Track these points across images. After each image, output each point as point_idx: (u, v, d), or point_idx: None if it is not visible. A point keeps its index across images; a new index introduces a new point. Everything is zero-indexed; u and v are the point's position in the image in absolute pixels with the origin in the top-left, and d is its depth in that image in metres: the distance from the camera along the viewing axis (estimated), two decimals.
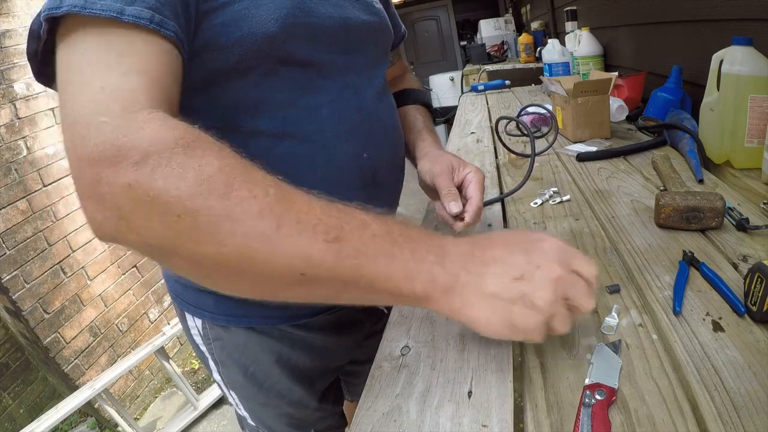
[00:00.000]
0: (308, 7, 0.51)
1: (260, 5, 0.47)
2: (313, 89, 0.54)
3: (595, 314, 0.48)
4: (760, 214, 0.63)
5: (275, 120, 0.52)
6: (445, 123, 3.71)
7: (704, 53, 0.84)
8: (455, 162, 0.64)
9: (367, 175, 0.59)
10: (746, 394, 0.36)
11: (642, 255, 0.57)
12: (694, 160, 0.81)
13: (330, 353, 0.72)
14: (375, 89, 0.62)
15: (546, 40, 2.48)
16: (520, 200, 0.82)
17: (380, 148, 0.61)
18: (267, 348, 0.65)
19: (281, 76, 0.51)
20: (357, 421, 0.41)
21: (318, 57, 0.53)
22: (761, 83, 0.70)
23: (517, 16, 4.16)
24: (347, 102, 0.57)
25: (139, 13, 0.38)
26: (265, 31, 0.47)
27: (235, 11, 0.46)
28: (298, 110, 0.53)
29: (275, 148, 0.52)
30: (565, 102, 1.10)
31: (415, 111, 0.79)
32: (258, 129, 0.51)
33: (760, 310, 0.42)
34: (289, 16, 0.48)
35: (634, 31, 1.42)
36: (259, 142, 0.51)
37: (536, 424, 0.37)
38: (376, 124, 0.61)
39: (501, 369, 0.44)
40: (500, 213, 0.81)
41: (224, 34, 0.46)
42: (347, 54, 0.57)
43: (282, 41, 0.49)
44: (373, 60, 0.63)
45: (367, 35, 0.60)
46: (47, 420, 1.60)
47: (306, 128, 0.53)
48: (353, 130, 0.57)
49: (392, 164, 0.65)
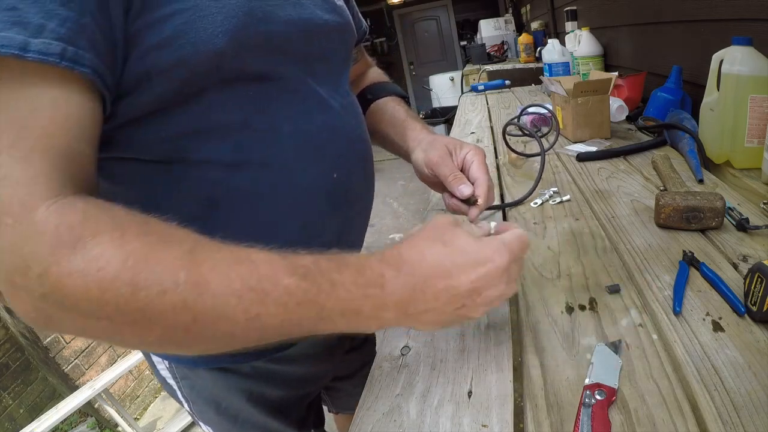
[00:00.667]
0: (264, 12, 0.44)
1: (204, 16, 0.39)
2: (271, 107, 0.47)
3: (595, 314, 0.49)
4: (760, 214, 0.63)
5: (229, 146, 0.45)
6: (445, 123, 3.71)
7: (704, 53, 0.85)
8: (451, 144, 0.60)
9: (339, 196, 0.53)
10: (746, 394, 0.36)
11: (642, 255, 0.57)
12: (694, 160, 0.81)
13: (307, 382, 0.68)
14: (341, 98, 0.56)
15: (546, 40, 2.48)
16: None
17: (350, 165, 0.55)
18: (235, 387, 0.60)
19: (234, 96, 0.44)
20: (357, 421, 0.41)
21: (276, 69, 0.47)
22: (761, 83, 0.70)
23: (517, 16, 4.16)
24: (311, 117, 0.50)
25: (47, 48, 0.32)
26: (211, 47, 0.40)
27: (175, 26, 0.38)
28: (254, 133, 0.46)
29: (230, 179, 0.46)
30: (565, 102, 1.10)
31: (393, 102, 0.73)
32: (209, 158, 0.45)
33: (760, 310, 0.42)
34: (240, 26, 0.41)
35: (634, 31, 1.42)
36: (212, 172, 0.45)
37: (536, 424, 0.37)
38: (344, 138, 0.54)
39: (501, 369, 0.44)
40: (500, 215, 0.81)
41: (163, 56, 0.38)
42: (310, 61, 0.51)
43: (232, 56, 0.42)
44: (338, 65, 0.58)
45: (331, 38, 0.54)
46: (47, 420, 1.60)
47: (264, 153, 0.47)
48: (319, 149, 0.50)
49: (364, 179, 0.60)
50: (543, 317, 0.50)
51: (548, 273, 0.58)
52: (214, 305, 0.32)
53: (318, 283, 0.35)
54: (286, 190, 0.48)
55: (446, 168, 0.57)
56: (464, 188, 0.54)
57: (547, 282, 0.56)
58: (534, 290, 0.55)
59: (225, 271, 0.33)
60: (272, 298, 0.33)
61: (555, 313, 0.50)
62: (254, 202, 0.47)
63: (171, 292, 0.31)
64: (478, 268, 0.37)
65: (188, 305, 0.31)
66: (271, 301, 0.33)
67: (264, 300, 0.33)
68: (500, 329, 0.49)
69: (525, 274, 0.58)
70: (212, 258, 0.33)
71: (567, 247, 0.63)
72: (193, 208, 0.45)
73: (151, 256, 0.31)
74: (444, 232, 0.39)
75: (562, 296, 0.52)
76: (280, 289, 0.33)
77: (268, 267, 0.34)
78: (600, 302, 0.50)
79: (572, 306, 0.50)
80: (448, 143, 0.60)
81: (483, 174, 0.56)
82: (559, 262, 0.60)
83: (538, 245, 0.65)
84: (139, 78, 0.38)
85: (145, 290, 0.30)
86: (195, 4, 0.39)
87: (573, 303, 0.51)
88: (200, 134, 0.44)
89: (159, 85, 0.39)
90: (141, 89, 0.39)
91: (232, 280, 0.32)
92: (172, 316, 0.31)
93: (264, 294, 0.33)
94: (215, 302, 0.32)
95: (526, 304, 0.52)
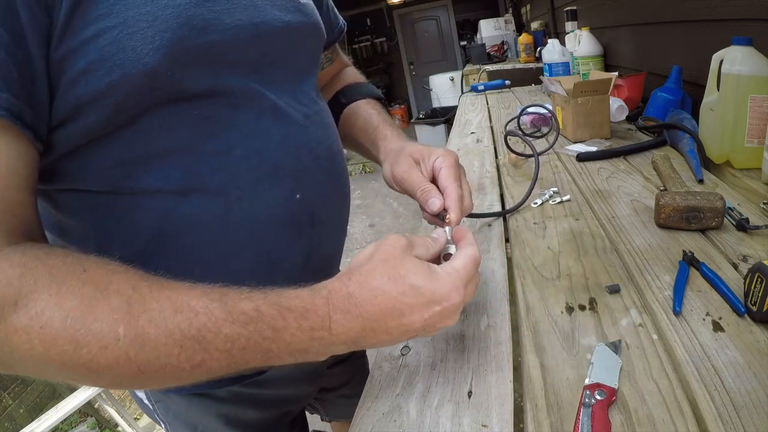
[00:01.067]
0: (205, 20, 0.39)
1: (133, 33, 0.35)
2: (220, 126, 0.43)
3: (595, 314, 0.49)
4: (760, 214, 0.63)
5: (177, 173, 0.41)
6: (445, 123, 3.71)
7: (704, 53, 0.84)
8: (418, 153, 0.53)
9: (303, 218, 0.49)
10: (746, 394, 0.36)
11: (642, 255, 0.57)
12: (694, 160, 0.81)
13: (288, 402, 0.66)
14: (304, 107, 0.51)
15: (546, 40, 2.49)
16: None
17: (316, 183, 0.50)
18: (212, 411, 0.58)
19: (177, 118, 0.40)
20: (357, 421, 0.42)
21: (223, 83, 0.42)
22: (761, 83, 0.70)
23: (517, 16, 4.16)
24: (267, 133, 0.46)
25: None
26: (141, 67, 0.36)
27: (101, 48, 0.34)
28: (203, 157, 0.42)
29: (178, 208, 0.42)
30: (565, 102, 1.10)
31: (367, 105, 0.68)
32: (157, 187, 0.41)
33: (760, 310, 0.42)
34: (174, 41, 0.37)
35: (634, 31, 1.42)
36: (161, 202, 0.42)
37: (536, 424, 0.37)
38: (308, 153, 0.49)
39: (501, 369, 0.44)
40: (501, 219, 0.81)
41: (91, 83, 0.35)
42: (265, 70, 0.46)
43: (167, 75, 0.37)
44: (299, 71, 0.52)
45: (291, 41, 0.49)
46: (47, 420, 1.60)
47: (214, 178, 0.43)
48: (278, 170, 0.46)
49: (334, 197, 0.54)
50: (543, 317, 0.50)
51: (548, 273, 0.58)
52: (157, 356, 0.32)
53: (260, 330, 0.34)
54: (241, 218, 0.45)
55: (413, 182, 0.51)
56: (433, 203, 0.48)
57: (547, 282, 0.56)
58: (534, 290, 0.55)
59: (163, 323, 0.32)
60: (214, 346, 0.33)
61: (555, 313, 0.50)
62: (206, 233, 0.44)
63: (112, 347, 0.31)
64: (432, 308, 0.36)
65: (131, 358, 0.31)
66: (214, 348, 0.33)
67: (206, 348, 0.33)
68: (500, 329, 0.50)
69: (525, 274, 0.58)
70: (150, 309, 0.32)
71: (567, 247, 0.63)
72: (145, 239, 0.43)
73: (89, 312, 0.31)
74: (394, 265, 0.37)
75: (562, 296, 0.52)
76: (221, 337, 0.33)
77: (207, 316, 0.33)
78: (600, 302, 0.50)
79: (572, 306, 0.50)
80: (414, 152, 0.54)
81: (452, 182, 0.49)
82: (559, 262, 0.60)
83: (538, 245, 0.65)
84: (71, 108, 0.35)
85: (87, 347, 0.30)
86: (122, 20, 0.35)
87: (573, 303, 0.51)
88: (145, 161, 0.40)
89: (92, 114, 0.36)
90: (74, 119, 0.36)
91: (172, 332, 0.32)
92: (117, 368, 0.31)
93: (205, 342, 0.33)
94: (157, 353, 0.32)
95: (526, 304, 0.52)
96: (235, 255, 0.46)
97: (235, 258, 0.46)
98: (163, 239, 0.43)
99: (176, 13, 0.37)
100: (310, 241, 0.51)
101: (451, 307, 0.37)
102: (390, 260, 0.37)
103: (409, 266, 0.37)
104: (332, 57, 0.73)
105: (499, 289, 0.57)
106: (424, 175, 0.51)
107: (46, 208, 0.44)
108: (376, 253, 0.38)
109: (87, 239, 0.43)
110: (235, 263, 0.46)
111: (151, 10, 0.36)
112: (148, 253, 0.43)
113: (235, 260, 0.46)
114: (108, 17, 0.35)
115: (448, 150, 0.53)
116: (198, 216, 0.43)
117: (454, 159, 0.52)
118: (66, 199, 0.42)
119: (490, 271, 0.61)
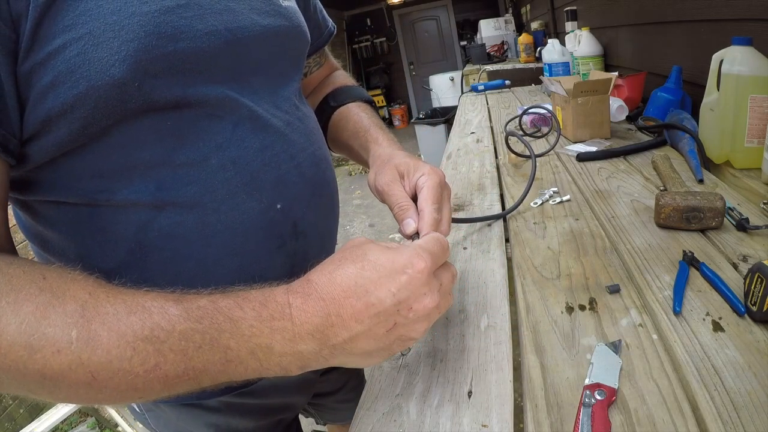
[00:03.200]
0: (174, 28, 0.38)
1: (100, 43, 0.34)
2: (194, 137, 0.41)
3: (595, 314, 0.49)
4: (760, 214, 0.63)
5: (151, 186, 0.40)
6: (445, 123, 3.71)
7: (704, 53, 0.85)
8: (404, 166, 0.50)
9: (285, 229, 0.48)
10: (746, 394, 0.36)
11: (642, 255, 0.57)
12: (694, 160, 0.81)
13: (280, 410, 0.65)
14: (285, 114, 0.49)
15: (546, 40, 2.49)
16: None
17: (299, 191, 0.49)
18: (202, 421, 0.57)
19: (149, 129, 0.39)
20: (357, 421, 0.42)
21: (197, 92, 0.41)
22: (761, 83, 0.70)
23: (517, 16, 4.16)
24: (244, 142, 0.44)
25: None
26: (108, 79, 0.35)
27: (68, 60, 0.33)
28: (177, 169, 0.41)
29: (154, 222, 0.41)
30: (565, 102, 1.10)
31: (357, 108, 0.66)
32: (133, 200, 0.40)
33: (760, 310, 0.42)
34: (141, 50, 0.36)
35: (634, 31, 1.42)
36: (134, 216, 0.41)
37: (536, 424, 0.37)
38: (289, 162, 0.48)
39: (501, 369, 0.44)
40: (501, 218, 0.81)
41: (59, 96, 0.34)
42: (241, 76, 0.45)
43: (135, 87, 0.36)
44: (280, 77, 0.50)
45: (270, 46, 0.48)
46: (47, 420, 1.60)
47: (188, 190, 0.42)
48: (256, 179, 0.45)
49: (319, 206, 0.52)
50: (543, 317, 0.50)
51: (548, 273, 0.58)
52: (110, 360, 0.30)
53: (216, 323, 0.32)
54: (219, 230, 0.43)
55: (392, 196, 0.48)
56: (407, 224, 0.46)
57: (547, 282, 0.56)
58: (534, 290, 0.55)
59: (116, 325, 0.31)
60: (168, 346, 0.31)
61: (555, 313, 0.50)
62: (184, 246, 0.43)
63: (65, 351, 0.30)
64: (396, 278, 0.34)
65: (83, 362, 0.30)
66: (168, 349, 0.31)
67: (160, 349, 0.31)
68: (500, 329, 0.50)
69: (525, 274, 0.58)
70: (103, 312, 0.31)
71: (567, 247, 0.63)
72: (124, 252, 0.42)
73: (44, 317, 0.30)
74: (353, 251, 0.36)
75: (562, 296, 0.52)
76: (174, 335, 0.31)
77: (161, 315, 0.32)
78: (600, 302, 0.50)
79: (572, 306, 0.50)
80: (400, 165, 0.51)
81: (429, 204, 0.46)
82: (559, 262, 0.60)
83: (538, 245, 0.65)
84: (41, 121, 0.35)
85: (40, 352, 0.30)
86: (88, 31, 0.34)
87: (573, 303, 0.51)
88: (120, 174, 0.39)
89: (62, 127, 0.35)
90: (46, 132, 0.35)
91: (124, 333, 0.31)
92: (71, 374, 0.30)
93: (159, 342, 0.31)
94: (109, 357, 0.30)
95: (526, 304, 0.52)
96: (216, 268, 0.44)
97: (216, 271, 0.44)
98: (141, 253, 0.42)
99: (144, 21, 0.36)
100: (294, 252, 0.49)
101: (417, 274, 0.34)
102: (348, 248, 0.37)
103: (367, 247, 0.36)
104: (321, 61, 0.72)
105: (499, 289, 0.57)
106: (406, 191, 0.49)
107: (28, 219, 0.44)
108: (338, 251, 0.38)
109: (67, 251, 0.43)
110: (216, 277, 0.44)
111: (117, 19, 0.35)
112: (128, 266, 0.42)
113: (217, 274, 0.44)
114: (74, 28, 0.33)
115: (434, 168, 0.50)
116: (174, 229, 0.42)
117: (439, 179, 0.48)
118: (45, 211, 0.42)
119: (490, 271, 0.61)
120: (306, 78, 0.70)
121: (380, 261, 0.35)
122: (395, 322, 0.34)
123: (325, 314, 0.33)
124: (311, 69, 0.71)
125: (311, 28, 0.62)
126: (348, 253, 0.36)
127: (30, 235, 0.46)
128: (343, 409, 0.83)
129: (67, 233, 0.42)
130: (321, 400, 0.80)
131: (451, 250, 0.70)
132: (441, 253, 0.38)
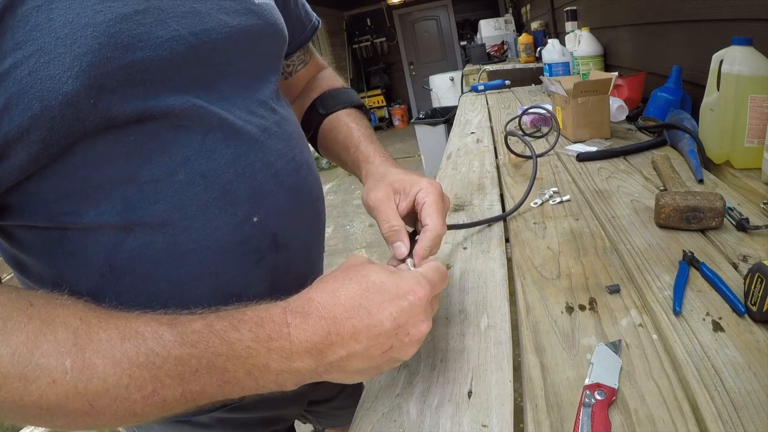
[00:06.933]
0: (133, 36, 0.35)
1: (50, 60, 0.31)
2: (159, 151, 0.39)
3: (595, 314, 0.49)
4: (760, 214, 0.63)
5: (118, 206, 0.38)
6: (445, 123, 3.71)
7: (704, 53, 0.85)
8: (399, 182, 0.48)
9: (263, 243, 0.46)
10: (746, 394, 0.36)
11: (642, 255, 0.57)
12: (694, 160, 0.81)
13: (274, 422, 0.64)
14: (259, 119, 0.47)
15: (546, 40, 2.49)
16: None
17: (276, 202, 0.47)
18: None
19: (110, 146, 0.37)
20: (357, 421, 0.42)
21: (160, 104, 0.38)
22: (761, 83, 0.70)
23: (517, 16, 4.17)
24: (214, 154, 0.42)
25: None
26: (60, 97, 0.32)
27: (19, 81, 0.31)
28: (143, 186, 0.39)
29: (122, 244, 0.39)
30: (565, 102, 1.10)
31: (347, 118, 0.62)
32: (96, 222, 0.38)
33: (760, 310, 0.42)
34: (95, 64, 0.33)
35: (634, 31, 1.42)
36: (103, 238, 0.39)
37: (536, 424, 0.37)
38: (266, 170, 0.45)
39: (501, 369, 0.44)
40: (502, 221, 0.81)
41: (14, 119, 0.32)
42: (209, 84, 0.42)
43: (91, 104, 0.34)
44: (254, 79, 0.48)
45: (241, 47, 0.45)
46: None
47: (156, 209, 0.39)
48: (228, 193, 0.42)
49: (301, 214, 0.50)
50: (543, 317, 0.50)
51: (548, 273, 0.58)
52: (106, 388, 0.30)
53: (213, 347, 0.32)
54: (191, 249, 0.41)
55: (383, 214, 0.47)
56: (399, 248, 0.44)
57: (547, 282, 0.56)
58: (534, 290, 0.55)
59: (110, 352, 0.30)
60: (164, 372, 0.31)
61: (555, 313, 0.50)
62: (156, 267, 0.41)
63: (61, 381, 0.29)
64: (399, 302, 0.34)
65: (80, 392, 0.30)
66: (164, 374, 0.31)
67: (157, 375, 0.31)
68: (500, 329, 0.50)
69: (525, 274, 0.58)
70: (97, 339, 0.31)
71: (567, 247, 0.63)
72: (96, 275, 0.41)
73: (36, 347, 0.29)
74: (356, 271, 0.36)
75: (562, 296, 0.52)
76: (170, 361, 0.31)
77: (155, 340, 0.31)
78: (600, 302, 0.50)
79: (572, 306, 0.50)
80: (395, 182, 0.49)
81: (435, 218, 0.45)
82: (559, 262, 0.60)
83: (538, 245, 0.65)
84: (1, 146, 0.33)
85: (36, 383, 0.29)
86: (39, 47, 0.31)
87: (573, 303, 0.51)
88: (85, 195, 0.37)
89: (22, 150, 0.33)
90: (7, 156, 0.33)
91: (119, 360, 0.30)
92: (68, 404, 0.30)
93: (155, 368, 0.31)
94: (106, 385, 0.30)
95: (526, 304, 0.52)
96: (192, 289, 0.43)
97: (191, 292, 0.43)
98: (113, 276, 0.41)
99: (97, 32, 0.33)
100: (274, 266, 0.48)
101: (418, 301, 0.35)
102: (350, 268, 0.37)
103: (371, 268, 0.36)
104: (306, 59, 0.68)
105: (499, 289, 0.57)
106: (401, 208, 0.47)
107: (5, 245, 0.43)
108: (338, 267, 0.38)
109: (43, 275, 0.42)
110: (192, 297, 0.43)
111: (69, 32, 0.32)
112: (102, 289, 0.41)
113: (193, 294, 0.43)
114: (24, 46, 0.31)
115: (432, 181, 0.48)
116: (144, 250, 0.40)
117: (439, 192, 0.47)
118: (20, 235, 0.40)
119: (490, 271, 0.61)
120: (291, 78, 0.67)
121: (385, 285, 0.35)
122: (391, 345, 0.35)
123: (325, 333, 0.33)
124: (296, 68, 0.67)
125: (292, 23, 0.59)
126: (351, 272, 0.36)
127: (10, 260, 0.45)
128: (341, 415, 0.83)
129: (40, 258, 0.41)
130: (317, 407, 0.79)
131: (451, 250, 0.70)
132: (440, 282, 0.39)
